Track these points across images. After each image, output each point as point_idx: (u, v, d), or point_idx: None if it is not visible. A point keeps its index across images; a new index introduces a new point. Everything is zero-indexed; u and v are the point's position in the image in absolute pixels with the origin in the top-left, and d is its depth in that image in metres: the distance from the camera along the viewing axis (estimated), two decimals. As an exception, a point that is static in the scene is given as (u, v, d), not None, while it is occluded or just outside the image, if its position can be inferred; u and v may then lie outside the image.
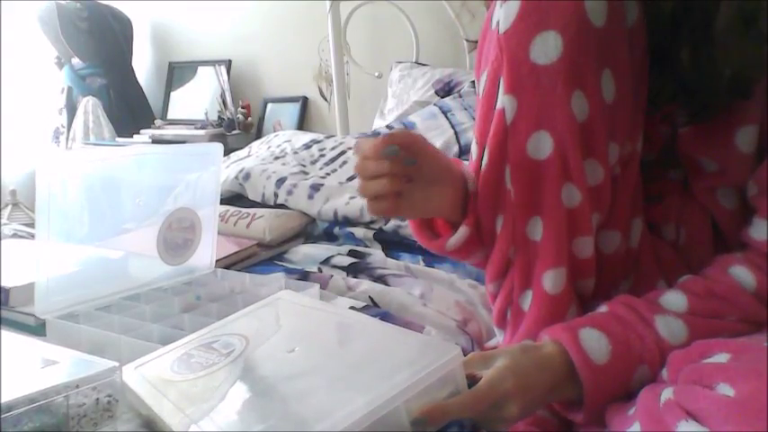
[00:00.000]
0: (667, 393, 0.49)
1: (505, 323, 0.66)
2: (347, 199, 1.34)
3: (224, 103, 2.64)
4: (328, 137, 1.75)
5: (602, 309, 0.60)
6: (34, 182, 0.78)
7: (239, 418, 0.51)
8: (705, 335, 0.55)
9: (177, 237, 0.98)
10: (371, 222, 1.28)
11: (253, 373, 0.58)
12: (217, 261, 1.05)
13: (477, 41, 0.66)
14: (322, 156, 1.62)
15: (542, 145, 0.58)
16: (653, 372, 0.55)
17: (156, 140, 2.60)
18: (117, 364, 0.60)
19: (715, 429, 0.43)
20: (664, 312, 0.57)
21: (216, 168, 1.03)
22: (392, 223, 1.25)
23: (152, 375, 0.61)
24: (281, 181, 1.43)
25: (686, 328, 0.56)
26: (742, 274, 0.59)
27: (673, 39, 0.60)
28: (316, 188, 1.38)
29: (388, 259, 1.16)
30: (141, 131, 2.70)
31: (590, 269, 0.62)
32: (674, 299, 0.58)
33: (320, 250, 1.22)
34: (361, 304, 0.94)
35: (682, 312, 0.57)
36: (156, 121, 2.86)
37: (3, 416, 0.52)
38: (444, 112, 1.70)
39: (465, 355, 0.56)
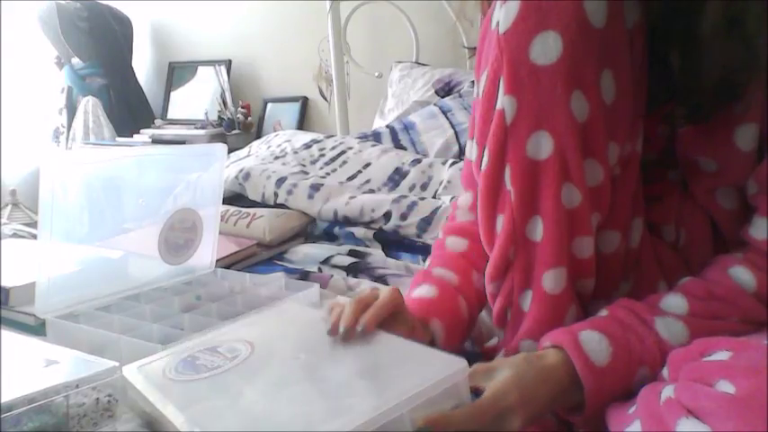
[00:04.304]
0: (668, 391, 0.49)
1: (505, 323, 0.66)
2: (347, 199, 1.34)
3: (224, 102, 2.64)
4: (328, 137, 1.75)
5: (603, 312, 0.60)
6: (34, 182, 0.78)
7: (244, 419, 0.51)
8: (706, 336, 0.55)
9: (179, 237, 0.98)
10: (371, 222, 1.28)
11: (258, 377, 0.58)
12: (217, 261, 1.05)
13: (476, 48, 0.66)
14: (322, 156, 1.62)
15: (542, 145, 0.58)
16: (654, 373, 0.55)
17: (156, 140, 2.60)
18: (117, 364, 0.60)
19: (715, 427, 0.43)
20: (664, 314, 0.57)
21: (219, 169, 1.03)
22: (392, 223, 1.25)
23: (156, 375, 0.61)
24: (281, 181, 1.43)
25: (687, 330, 0.56)
26: (742, 274, 0.59)
27: (665, 40, 0.60)
28: (316, 188, 1.38)
29: (388, 259, 1.16)
30: (141, 131, 2.70)
31: (590, 269, 0.62)
32: (674, 301, 0.59)
33: (320, 250, 1.22)
34: (361, 304, 0.94)
35: (682, 314, 0.57)
36: (156, 121, 2.86)
37: (3, 416, 0.52)
38: (444, 112, 1.70)
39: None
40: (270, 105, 2.68)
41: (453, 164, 1.46)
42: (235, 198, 1.51)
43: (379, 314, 0.61)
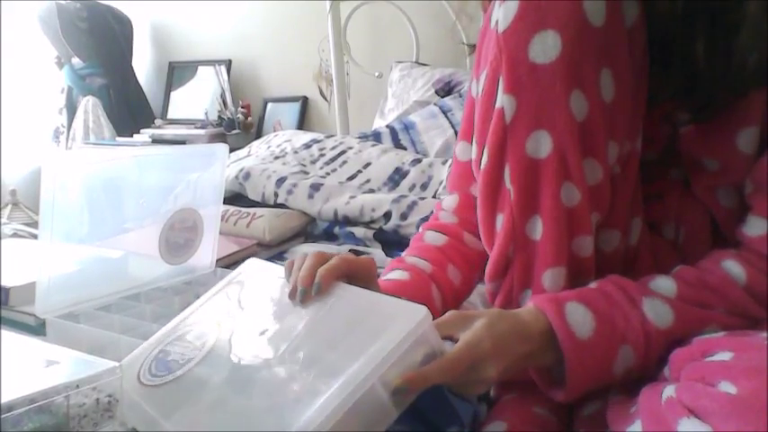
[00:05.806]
0: (669, 391, 0.48)
1: (505, 322, 0.66)
2: (347, 198, 1.34)
3: (224, 102, 2.64)
4: (328, 136, 1.75)
5: (592, 284, 0.60)
6: (34, 182, 0.78)
7: (222, 422, 0.51)
8: (691, 322, 0.56)
9: (179, 237, 0.98)
10: (371, 222, 1.28)
11: (228, 367, 0.57)
12: (217, 261, 1.05)
13: (475, 45, 0.66)
14: (322, 155, 1.62)
15: (541, 144, 0.58)
16: (636, 353, 0.56)
17: (157, 140, 2.60)
18: (117, 364, 0.61)
19: (716, 427, 0.43)
20: (652, 295, 0.57)
21: (220, 169, 1.03)
22: (392, 223, 1.25)
23: (131, 381, 0.61)
24: (281, 180, 1.43)
25: (672, 313, 0.56)
26: (733, 267, 0.59)
27: (682, 35, 0.60)
28: (316, 188, 1.38)
29: (388, 259, 1.16)
30: (141, 131, 2.70)
31: (589, 268, 0.62)
32: (664, 283, 0.59)
33: (320, 250, 1.22)
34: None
35: (670, 297, 0.57)
36: (156, 121, 2.86)
37: (3, 416, 0.52)
38: (444, 112, 1.70)
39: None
40: (270, 105, 2.68)
41: (453, 163, 1.46)
42: (235, 198, 1.51)
43: (336, 267, 0.60)
